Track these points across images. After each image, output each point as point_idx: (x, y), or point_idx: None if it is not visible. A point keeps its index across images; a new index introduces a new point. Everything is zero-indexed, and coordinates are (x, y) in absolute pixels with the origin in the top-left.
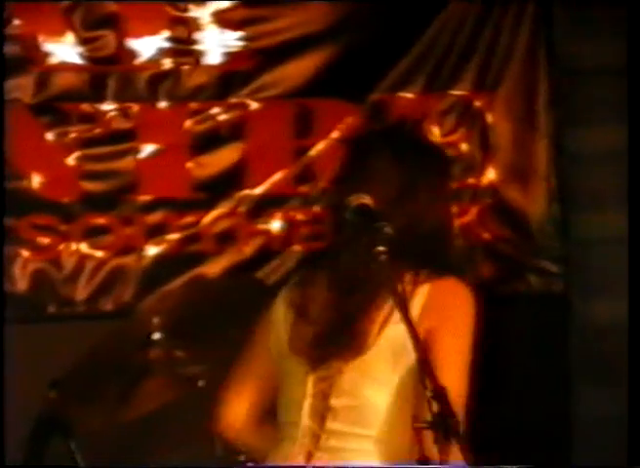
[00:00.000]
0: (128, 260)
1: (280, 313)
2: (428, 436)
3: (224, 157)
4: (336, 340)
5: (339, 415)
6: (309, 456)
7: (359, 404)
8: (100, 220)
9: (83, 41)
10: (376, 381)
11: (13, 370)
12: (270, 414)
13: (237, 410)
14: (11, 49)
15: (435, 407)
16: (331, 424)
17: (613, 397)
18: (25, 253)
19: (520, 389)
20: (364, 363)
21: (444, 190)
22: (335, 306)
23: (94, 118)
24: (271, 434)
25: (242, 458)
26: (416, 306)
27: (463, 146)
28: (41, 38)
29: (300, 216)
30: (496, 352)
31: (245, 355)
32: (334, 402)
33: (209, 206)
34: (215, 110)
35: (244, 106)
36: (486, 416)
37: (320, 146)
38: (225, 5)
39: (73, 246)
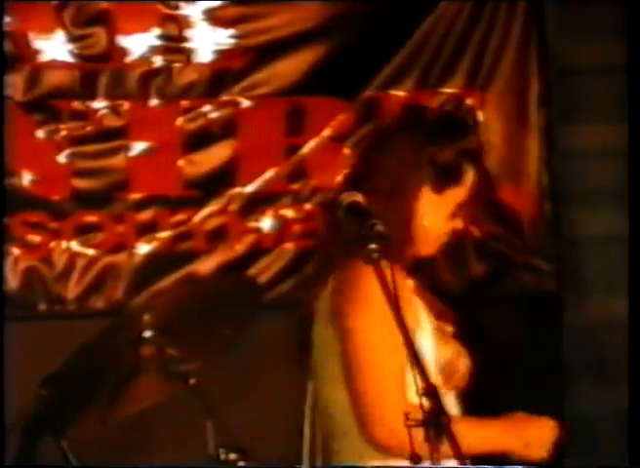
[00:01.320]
0: (119, 258)
1: None
2: (419, 434)
3: (216, 155)
4: None
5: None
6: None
7: (325, 404)
8: (92, 218)
9: (74, 38)
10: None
11: (3, 369)
12: None
13: None
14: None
15: (426, 404)
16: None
17: (607, 395)
18: (16, 251)
19: (513, 388)
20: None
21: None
22: None
23: (85, 116)
24: None
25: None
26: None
27: None
28: (32, 35)
29: (291, 214)
30: (488, 351)
31: None
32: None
33: (200, 204)
34: (206, 108)
35: (235, 104)
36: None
37: (312, 144)
38: (217, 3)
39: (64, 244)
